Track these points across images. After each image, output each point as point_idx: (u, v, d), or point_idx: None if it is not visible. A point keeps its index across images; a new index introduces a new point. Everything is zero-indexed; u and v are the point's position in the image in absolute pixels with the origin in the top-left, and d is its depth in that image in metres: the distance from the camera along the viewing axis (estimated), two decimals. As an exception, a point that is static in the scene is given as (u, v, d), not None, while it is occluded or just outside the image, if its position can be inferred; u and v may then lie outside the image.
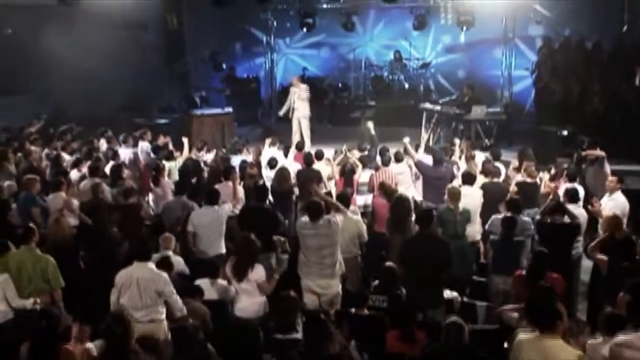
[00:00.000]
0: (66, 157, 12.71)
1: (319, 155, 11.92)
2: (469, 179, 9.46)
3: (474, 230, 9.13)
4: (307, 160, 11.36)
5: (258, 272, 6.69)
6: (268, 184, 11.35)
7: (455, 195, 8.52)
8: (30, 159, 12.57)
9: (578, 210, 8.73)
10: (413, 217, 8.52)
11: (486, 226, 8.46)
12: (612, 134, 13.88)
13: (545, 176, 10.88)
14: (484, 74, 19.05)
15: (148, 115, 18.34)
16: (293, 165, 11.89)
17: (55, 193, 9.78)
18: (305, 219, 7.36)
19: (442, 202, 10.01)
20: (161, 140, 14.19)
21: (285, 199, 10.98)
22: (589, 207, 9.57)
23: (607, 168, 11.37)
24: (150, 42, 20.18)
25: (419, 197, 11.29)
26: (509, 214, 7.82)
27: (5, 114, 18.01)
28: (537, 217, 8.58)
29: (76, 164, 12.04)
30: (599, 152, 11.40)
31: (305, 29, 18.98)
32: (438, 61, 19.76)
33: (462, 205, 8.86)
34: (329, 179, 11.63)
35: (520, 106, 18.50)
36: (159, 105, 19.07)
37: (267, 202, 11.02)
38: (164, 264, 7.36)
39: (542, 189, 10.65)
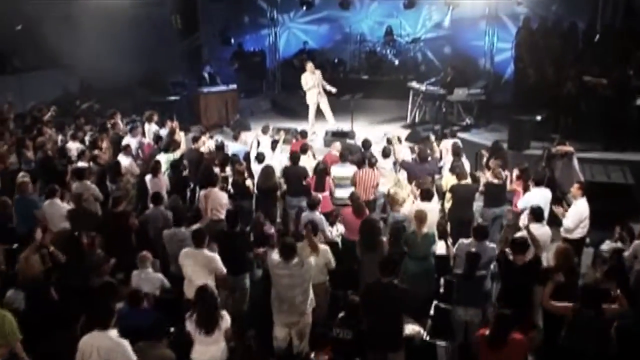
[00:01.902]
0: (74, 147, 11.55)
1: (304, 149, 10.66)
2: (427, 195, 8.27)
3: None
4: (293, 159, 10.13)
5: (226, 320, 5.66)
6: (257, 178, 10.20)
7: (421, 219, 7.30)
8: (45, 149, 11.43)
9: (542, 229, 7.57)
10: (384, 238, 7.43)
11: (454, 249, 7.28)
12: (580, 119, 12.44)
13: (512, 173, 9.69)
14: (469, 44, 17.22)
15: (162, 90, 16.96)
16: (281, 158, 10.70)
17: (49, 200, 8.67)
18: (277, 257, 6.27)
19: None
20: (168, 125, 12.88)
21: (269, 195, 9.84)
22: (554, 207, 8.45)
23: (576, 163, 10.19)
24: (166, 18, 18.57)
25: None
26: (473, 250, 6.60)
27: (38, 88, 16.90)
28: (498, 244, 7.32)
29: (80, 156, 10.89)
30: (568, 148, 10.16)
31: (305, 7, 17.24)
32: (427, 37, 17.98)
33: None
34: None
35: (499, 76, 16.76)
36: (172, 81, 17.67)
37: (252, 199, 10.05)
38: (134, 300, 6.36)
39: (509, 186, 9.49)
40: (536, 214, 7.57)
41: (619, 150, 11.69)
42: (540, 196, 8.72)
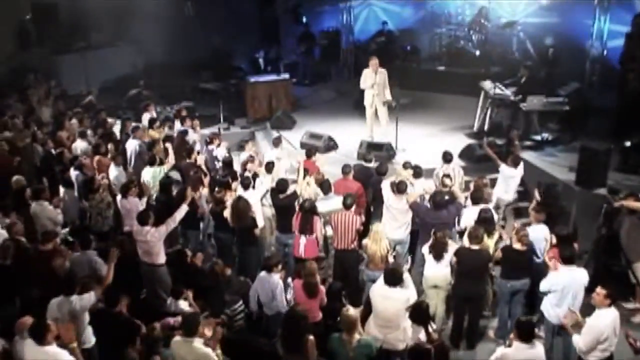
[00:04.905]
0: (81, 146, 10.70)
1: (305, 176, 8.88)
2: (392, 278, 6.10)
3: (396, 339, 6.00)
4: (280, 186, 8.41)
5: None
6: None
7: (350, 324, 5.33)
8: (48, 147, 10.72)
9: (529, 352, 5.27)
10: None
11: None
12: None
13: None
14: (575, 23, 13.98)
15: (221, 74, 15.73)
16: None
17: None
18: None
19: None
20: (188, 123, 11.63)
21: (245, 234, 8.23)
22: (563, 318, 6.10)
23: (651, 224, 7.45)
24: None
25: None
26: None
27: (103, 66, 16.45)
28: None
29: (72, 162, 9.94)
30: (638, 205, 7.43)
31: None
32: (527, 21, 14.81)
33: (380, 309, 5.90)
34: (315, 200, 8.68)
35: (610, 65, 13.33)
36: (232, 64, 16.41)
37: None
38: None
39: (547, 257, 7.08)
40: (521, 329, 5.29)
41: None
42: (569, 279, 6.41)
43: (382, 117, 11.62)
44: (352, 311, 5.43)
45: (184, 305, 7.06)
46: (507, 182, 9.15)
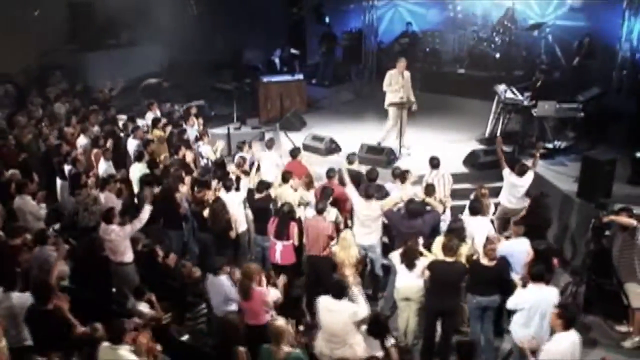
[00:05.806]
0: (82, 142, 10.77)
1: (286, 178, 8.63)
2: (337, 290, 5.78)
3: (343, 355, 5.65)
4: (260, 188, 8.21)
5: None
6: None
7: (277, 335, 5.02)
8: (49, 142, 10.86)
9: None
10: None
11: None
12: None
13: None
14: (605, 26, 13.17)
15: (238, 74, 15.64)
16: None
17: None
18: None
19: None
20: (191, 122, 11.58)
21: (221, 236, 8.07)
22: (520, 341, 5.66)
23: (641, 242, 6.86)
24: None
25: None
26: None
27: (134, 63, 16.62)
28: None
29: (66, 156, 9.99)
30: (629, 221, 6.86)
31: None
32: (556, 24, 14.12)
33: (325, 322, 5.65)
34: (299, 204, 8.42)
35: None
36: (249, 64, 16.28)
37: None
38: None
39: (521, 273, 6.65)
40: (460, 352, 4.89)
41: None
42: (538, 298, 5.94)
43: (403, 121, 11.10)
44: (280, 321, 5.12)
45: (143, 306, 6.93)
46: (510, 190, 8.65)
